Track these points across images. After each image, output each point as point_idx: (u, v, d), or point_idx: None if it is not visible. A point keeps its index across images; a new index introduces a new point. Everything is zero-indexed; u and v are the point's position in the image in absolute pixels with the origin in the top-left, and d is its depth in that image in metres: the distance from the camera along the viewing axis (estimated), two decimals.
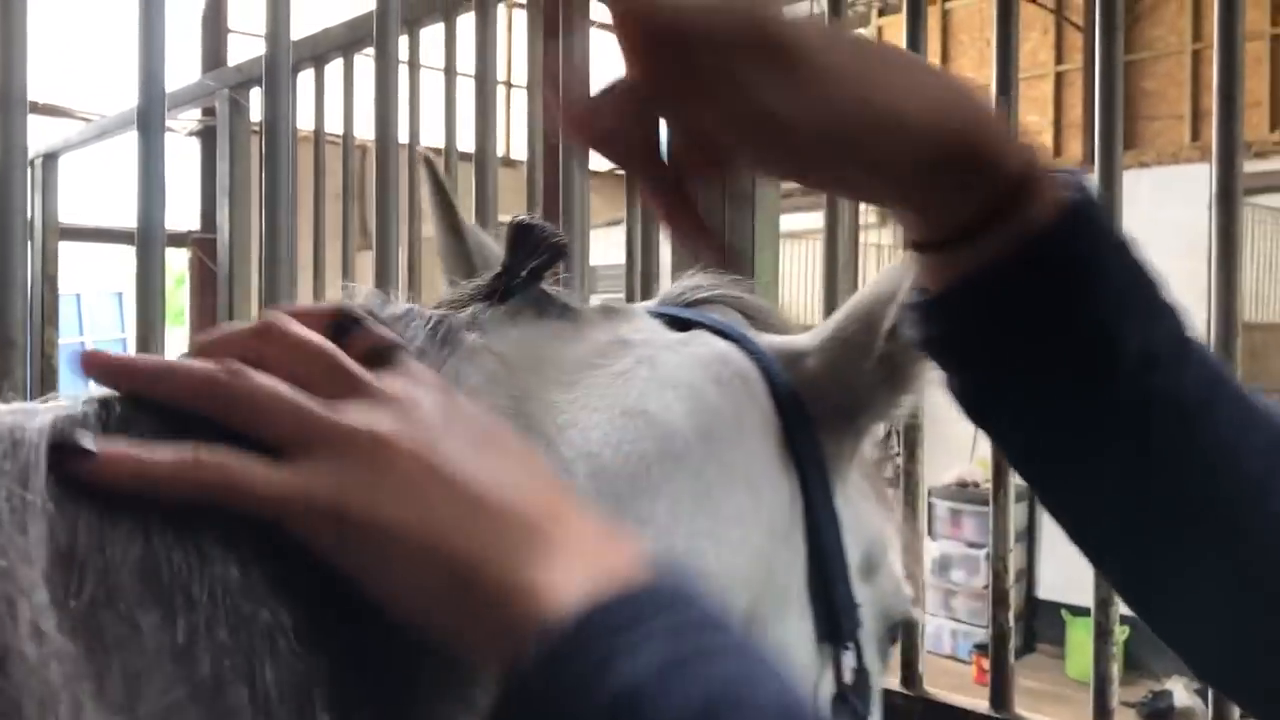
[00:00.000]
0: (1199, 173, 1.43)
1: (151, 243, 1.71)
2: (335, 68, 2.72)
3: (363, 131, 2.45)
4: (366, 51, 2.36)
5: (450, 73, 2.49)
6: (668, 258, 1.92)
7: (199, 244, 9.05)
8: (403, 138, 2.27)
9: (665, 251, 1.92)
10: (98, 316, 12.03)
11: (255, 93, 3.02)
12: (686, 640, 0.47)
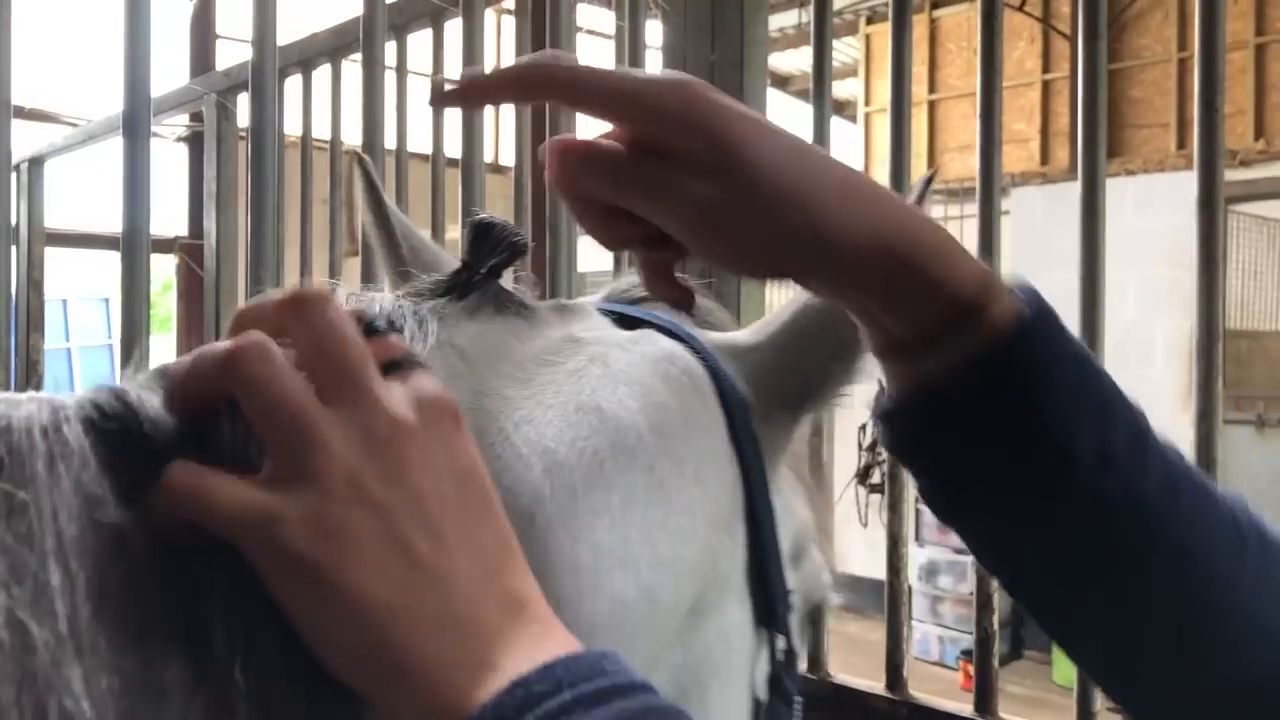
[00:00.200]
0: (1184, 180, 1.44)
1: (137, 247, 1.70)
2: (323, 73, 2.72)
3: (350, 137, 2.44)
4: (354, 57, 2.36)
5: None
6: None
7: (186, 249, 9.01)
8: (390, 143, 2.27)
9: None
10: (83, 322, 11.98)
11: (243, 98, 3.02)
12: (610, 706, 0.48)
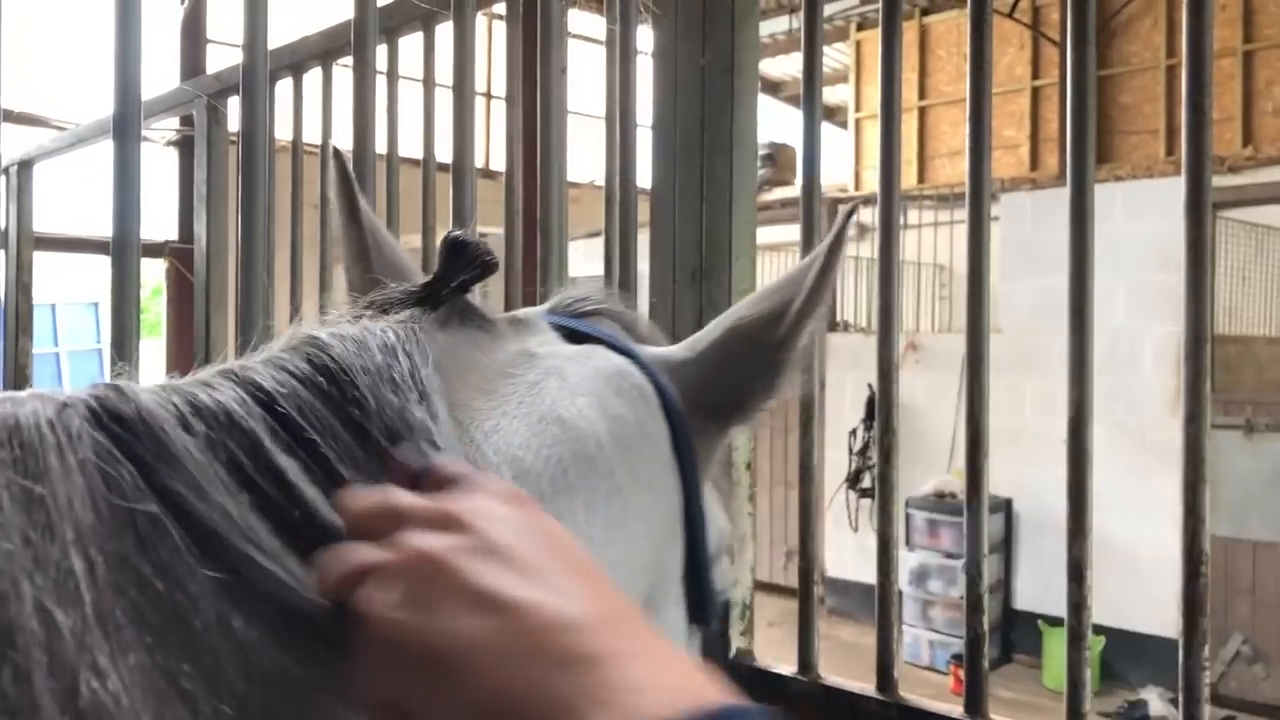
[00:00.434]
0: (1173, 186, 1.45)
1: (127, 251, 1.70)
2: (313, 77, 2.71)
3: (341, 141, 2.44)
4: (345, 61, 2.35)
5: (428, 83, 2.48)
6: (646, 269, 1.93)
7: (176, 254, 8.98)
8: (380, 148, 2.27)
9: (643, 263, 1.92)
10: (73, 326, 11.94)
11: (233, 102, 3.01)
12: None
